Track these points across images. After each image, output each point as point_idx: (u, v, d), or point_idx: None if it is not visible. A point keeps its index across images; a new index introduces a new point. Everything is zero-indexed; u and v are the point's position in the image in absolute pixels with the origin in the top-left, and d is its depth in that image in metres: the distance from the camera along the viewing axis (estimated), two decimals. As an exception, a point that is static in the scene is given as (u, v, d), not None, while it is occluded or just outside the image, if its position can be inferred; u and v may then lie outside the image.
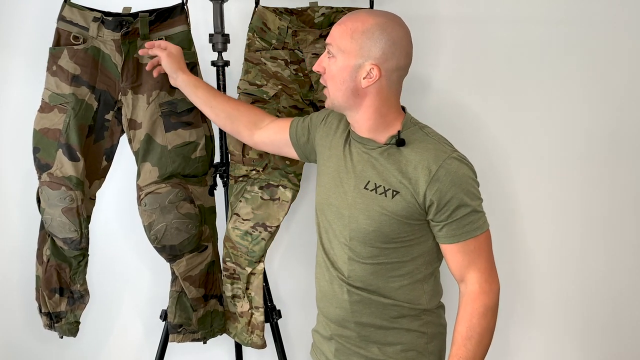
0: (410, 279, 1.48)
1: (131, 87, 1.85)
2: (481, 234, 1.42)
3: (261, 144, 1.78)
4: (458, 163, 1.40)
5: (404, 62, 1.43)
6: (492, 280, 1.44)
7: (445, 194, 1.38)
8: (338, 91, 1.45)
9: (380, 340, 1.51)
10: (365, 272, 1.48)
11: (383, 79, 1.41)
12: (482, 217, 1.42)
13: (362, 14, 1.42)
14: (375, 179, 1.44)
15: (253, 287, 1.97)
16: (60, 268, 1.96)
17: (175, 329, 1.96)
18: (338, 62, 1.42)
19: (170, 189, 1.84)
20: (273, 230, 1.93)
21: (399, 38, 1.40)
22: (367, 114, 1.45)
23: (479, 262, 1.43)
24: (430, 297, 1.51)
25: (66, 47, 1.83)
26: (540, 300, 2.39)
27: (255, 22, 1.92)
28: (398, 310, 1.49)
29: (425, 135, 1.45)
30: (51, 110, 1.85)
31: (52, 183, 1.85)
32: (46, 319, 2.00)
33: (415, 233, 1.45)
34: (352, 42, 1.39)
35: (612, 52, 2.24)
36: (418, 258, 1.47)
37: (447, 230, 1.42)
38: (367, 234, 1.45)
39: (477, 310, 1.42)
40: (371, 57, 1.39)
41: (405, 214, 1.42)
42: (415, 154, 1.41)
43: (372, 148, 1.46)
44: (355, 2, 1.97)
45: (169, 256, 1.90)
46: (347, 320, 1.52)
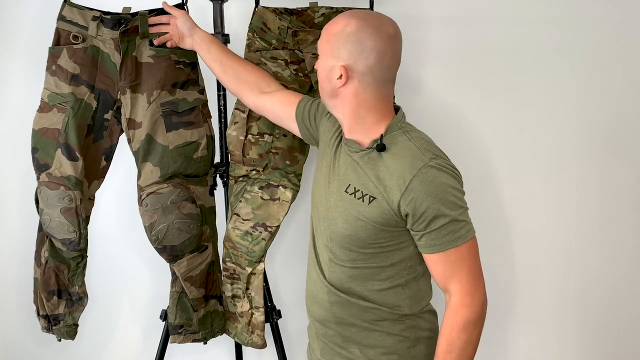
0: (390, 284, 1.45)
1: (130, 86, 1.84)
2: (463, 244, 1.37)
3: (263, 109, 1.77)
4: (435, 172, 1.35)
5: (374, 65, 1.38)
6: (474, 293, 1.38)
7: (420, 205, 1.34)
8: (321, 90, 1.47)
9: (361, 341, 1.49)
10: (344, 274, 1.46)
11: (355, 81, 1.39)
12: (464, 227, 1.37)
13: (340, 16, 1.42)
14: (355, 183, 1.42)
15: (253, 287, 1.97)
16: (58, 270, 1.95)
17: (176, 329, 1.96)
18: (319, 62, 1.45)
19: (172, 189, 1.84)
20: (273, 230, 1.93)
21: (367, 39, 1.37)
22: (344, 114, 1.45)
23: (461, 273, 1.38)
24: (413, 302, 1.47)
25: (66, 46, 1.83)
26: (539, 300, 2.40)
27: (255, 22, 1.92)
28: (378, 314, 1.46)
29: (407, 141, 1.40)
30: (50, 109, 1.85)
31: (51, 183, 1.84)
32: (44, 322, 1.99)
33: (395, 239, 1.42)
34: (327, 44, 1.41)
35: (609, 52, 2.25)
36: (398, 264, 1.44)
37: (426, 240, 1.38)
38: (344, 237, 1.43)
39: (457, 324, 1.38)
40: (341, 59, 1.39)
41: (382, 221, 1.39)
42: (393, 160, 1.38)
43: (355, 151, 1.44)
44: (355, 2, 1.98)
45: (169, 256, 1.90)
46: (328, 320, 1.52)
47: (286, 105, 1.71)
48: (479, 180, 2.28)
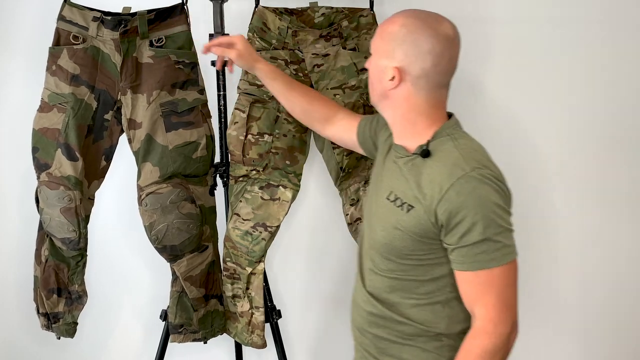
0: (428, 300, 1.36)
1: (130, 87, 1.84)
2: (497, 267, 1.25)
3: (332, 139, 1.75)
4: (475, 183, 1.25)
5: (431, 68, 1.31)
6: (499, 322, 1.27)
7: (454, 216, 1.25)
8: (372, 91, 1.40)
9: (395, 354, 1.41)
10: (383, 284, 1.40)
11: (408, 84, 1.33)
12: (501, 249, 1.25)
13: (398, 15, 1.35)
14: (396, 191, 1.35)
15: (253, 287, 1.97)
16: (58, 268, 1.95)
17: (176, 329, 1.96)
18: (371, 61, 1.38)
19: (171, 189, 1.84)
20: (273, 230, 1.93)
21: (424, 41, 1.30)
22: (394, 118, 1.39)
23: (488, 298, 1.27)
24: (451, 322, 1.37)
25: (66, 46, 1.83)
26: (539, 300, 2.40)
27: (255, 22, 1.92)
28: (412, 330, 1.38)
29: (453, 148, 1.31)
30: (50, 109, 1.85)
31: (51, 183, 1.85)
32: (44, 320, 2.00)
33: (434, 252, 1.33)
34: (382, 42, 1.34)
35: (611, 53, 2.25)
36: (440, 279, 1.34)
37: (456, 256, 1.28)
38: (382, 246, 1.37)
39: (474, 351, 1.29)
40: (395, 60, 1.32)
41: (419, 231, 1.30)
42: (435, 167, 1.30)
43: (401, 157, 1.38)
44: (355, 2, 1.98)
45: (169, 256, 1.90)
46: (365, 329, 1.46)
47: (348, 131, 1.67)
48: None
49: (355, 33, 1.96)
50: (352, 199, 2.00)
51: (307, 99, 1.73)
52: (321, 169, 2.16)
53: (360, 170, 2.01)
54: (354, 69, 1.94)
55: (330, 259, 2.33)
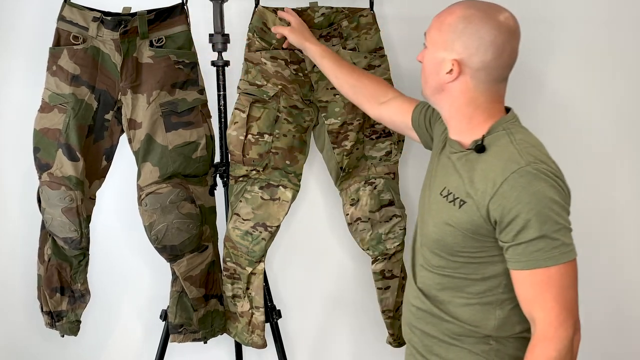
0: (478, 300, 1.32)
1: (131, 87, 1.85)
2: (554, 266, 1.20)
3: (382, 119, 1.73)
4: (531, 178, 1.20)
5: (490, 61, 1.27)
6: (559, 325, 1.21)
7: (508, 212, 1.21)
8: (425, 83, 1.36)
9: (442, 354, 1.38)
10: (433, 281, 1.37)
11: (467, 77, 1.28)
12: (559, 247, 1.20)
13: (456, 5, 1.31)
14: (449, 186, 1.32)
15: (253, 287, 1.97)
16: (61, 267, 1.96)
17: (176, 329, 1.96)
18: (427, 53, 1.34)
19: (171, 189, 1.84)
20: (273, 230, 1.93)
21: (486, 33, 1.25)
22: (450, 112, 1.35)
23: (546, 299, 1.22)
24: (502, 324, 1.33)
25: (66, 47, 1.83)
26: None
27: (255, 22, 1.92)
28: (460, 330, 1.35)
29: (509, 142, 1.27)
30: (51, 110, 1.85)
31: (52, 183, 1.85)
32: (47, 318, 2.01)
33: (486, 251, 1.29)
34: (439, 34, 1.29)
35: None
36: (492, 279, 1.31)
37: (512, 254, 1.24)
38: (433, 242, 1.35)
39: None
40: (454, 52, 1.27)
41: (471, 228, 1.27)
42: (489, 162, 1.26)
43: (455, 152, 1.35)
44: (355, 2, 1.98)
45: (169, 256, 1.90)
46: (413, 325, 1.44)
47: (402, 113, 1.64)
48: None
49: (355, 33, 1.95)
50: (352, 199, 2.00)
51: (356, 77, 1.75)
52: (321, 169, 2.16)
53: (360, 170, 2.01)
54: (354, 69, 1.94)
55: (330, 259, 2.33)
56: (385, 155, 2.01)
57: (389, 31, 2.13)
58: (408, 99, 1.68)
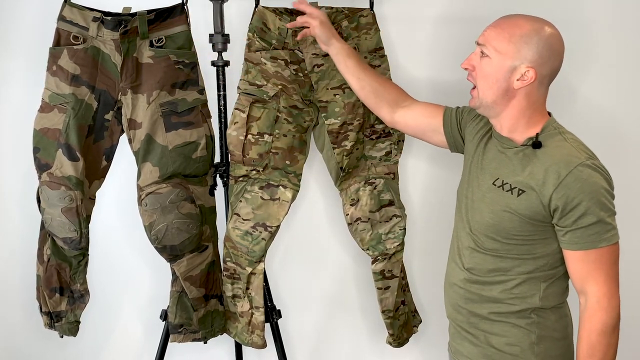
0: (528, 276, 1.49)
1: (131, 87, 1.85)
2: (606, 247, 1.40)
3: (402, 123, 1.79)
4: (590, 171, 1.39)
5: (557, 67, 1.47)
6: (611, 296, 1.42)
7: (571, 200, 1.38)
8: (489, 90, 1.48)
9: (487, 329, 1.54)
10: (485, 263, 1.52)
11: (536, 82, 1.45)
12: (610, 230, 1.40)
13: (518, 19, 1.46)
14: (504, 177, 1.48)
15: (253, 287, 1.97)
16: (60, 268, 1.96)
17: (176, 329, 1.96)
18: (493, 62, 1.46)
19: (171, 189, 1.84)
20: (273, 230, 1.93)
21: (555, 43, 1.44)
22: (511, 113, 1.49)
23: (599, 275, 1.41)
24: (546, 298, 1.50)
25: (66, 47, 1.83)
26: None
27: (255, 22, 1.92)
28: (508, 306, 1.51)
29: (563, 140, 1.45)
30: (51, 110, 1.85)
31: (52, 183, 1.85)
32: (46, 318, 2.00)
33: (539, 233, 1.46)
34: (510, 44, 1.44)
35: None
36: (540, 259, 1.48)
37: (570, 237, 1.42)
38: (489, 226, 1.49)
39: (596, 327, 1.42)
40: (527, 60, 1.43)
41: (529, 214, 1.44)
42: (548, 157, 1.43)
43: (509, 147, 1.50)
44: (355, 2, 1.98)
45: (169, 256, 1.90)
46: (460, 305, 1.59)
47: (429, 116, 1.74)
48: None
49: (355, 33, 1.96)
50: (352, 199, 2.00)
51: (379, 81, 1.80)
52: (321, 169, 2.16)
53: (360, 170, 2.01)
54: (354, 69, 1.94)
55: (330, 259, 2.33)
56: (385, 155, 2.02)
57: (389, 31, 2.13)
58: (430, 103, 1.79)
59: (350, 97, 1.93)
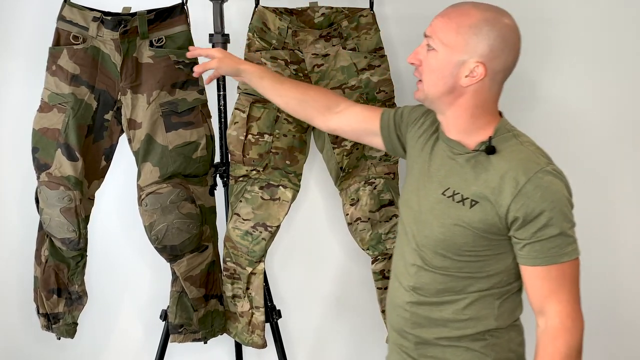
0: (480, 295, 1.35)
1: (130, 87, 1.84)
2: (568, 262, 1.26)
3: (339, 130, 1.66)
4: (551, 177, 1.26)
5: (511, 62, 1.31)
6: (575, 317, 1.28)
7: (532, 210, 1.24)
8: (434, 86, 1.33)
9: (437, 355, 1.39)
10: (434, 282, 1.37)
11: (486, 79, 1.29)
12: (572, 244, 1.27)
13: (468, 7, 1.30)
14: (455, 186, 1.33)
15: (253, 287, 1.97)
16: (58, 269, 1.96)
17: (176, 329, 1.96)
18: (440, 55, 1.31)
19: (171, 189, 1.84)
20: (273, 230, 1.93)
21: (509, 35, 1.28)
22: (458, 113, 1.34)
23: (562, 293, 1.27)
24: (500, 315, 1.36)
25: (66, 46, 1.83)
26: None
27: (255, 22, 1.92)
28: (460, 330, 1.37)
29: (518, 144, 1.31)
30: (50, 110, 1.85)
31: (51, 183, 1.85)
32: (44, 320, 2.00)
33: (494, 248, 1.32)
34: (458, 36, 1.28)
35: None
36: (494, 276, 1.34)
37: (529, 251, 1.27)
38: (438, 242, 1.34)
39: (559, 350, 1.27)
40: (477, 54, 1.27)
41: (483, 227, 1.30)
42: (504, 163, 1.28)
43: (459, 153, 1.35)
44: (355, 2, 1.98)
45: (169, 256, 1.90)
46: (405, 331, 1.43)
47: (365, 121, 1.60)
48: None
49: (355, 33, 1.96)
50: (352, 199, 2.00)
51: (301, 90, 1.66)
52: (321, 169, 2.16)
53: (360, 170, 2.01)
54: (354, 69, 1.94)
55: (330, 259, 2.33)
56: (385, 155, 2.02)
57: (389, 31, 2.13)
58: (366, 106, 1.68)
59: (350, 97, 1.93)
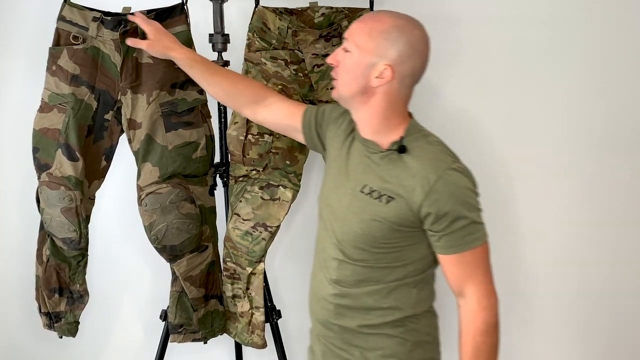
0: (398, 283, 1.46)
1: (130, 87, 1.84)
2: (479, 246, 1.40)
3: (265, 122, 1.75)
4: (458, 174, 1.38)
5: (419, 68, 1.42)
6: (490, 295, 1.41)
7: (444, 205, 1.36)
8: (347, 86, 1.43)
9: (361, 344, 1.49)
10: (355, 274, 1.46)
11: (395, 81, 1.40)
12: (480, 229, 1.40)
13: (383, 14, 1.42)
14: (371, 184, 1.43)
15: (253, 287, 1.97)
16: (59, 268, 1.96)
17: (176, 329, 1.96)
18: (353, 57, 1.41)
19: (171, 189, 1.84)
20: (273, 230, 1.93)
21: (417, 42, 1.39)
22: (371, 114, 1.44)
23: (477, 275, 1.40)
24: (417, 302, 1.48)
25: (66, 46, 1.83)
26: (540, 303, 2.39)
27: (255, 22, 1.92)
28: (380, 317, 1.47)
29: (427, 144, 1.42)
30: (51, 110, 1.85)
31: (51, 183, 1.85)
32: (46, 319, 2.00)
33: (408, 239, 1.43)
34: (370, 40, 1.38)
35: (609, 51, 2.24)
36: (410, 265, 1.45)
37: (444, 241, 1.39)
38: (357, 237, 1.44)
39: (479, 328, 1.40)
40: (386, 58, 1.38)
41: (398, 221, 1.40)
42: (415, 162, 1.39)
43: (374, 152, 1.45)
44: (355, 2, 1.98)
45: (169, 256, 1.90)
46: (330, 322, 1.52)
47: (289, 117, 1.69)
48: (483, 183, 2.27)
49: (355, 33, 1.96)
50: (352, 199, 2.00)
51: (230, 83, 1.73)
52: (321, 169, 2.16)
53: (360, 170, 2.01)
54: (354, 69, 1.94)
55: (330, 259, 2.33)
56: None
57: (389, 31, 2.13)
58: (293, 102, 1.74)
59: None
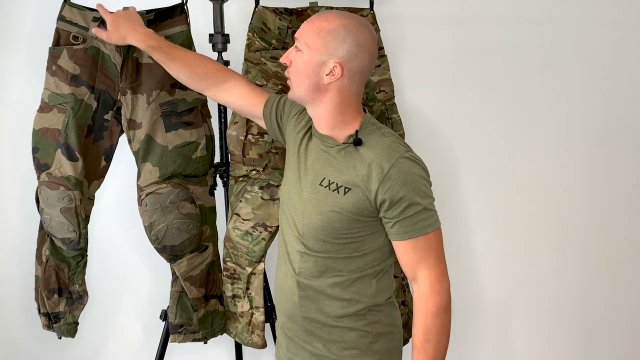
0: (359, 274, 1.50)
1: (130, 87, 1.85)
2: (432, 232, 1.44)
3: (228, 104, 1.77)
4: (410, 162, 1.43)
5: (367, 65, 1.46)
6: (442, 279, 1.46)
7: (397, 192, 1.41)
8: (300, 84, 1.48)
9: (324, 337, 1.53)
10: (316, 265, 1.51)
11: (345, 78, 1.45)
12: (433, 216, 1.45)
13: (331, 14, 1.46)
14: (330, 176, 1.48)
15: (253, 287, 1.97)
16: (59, 268, 1.96)
17: (176, 329, 1.96)
18: (304, 56, 1.46)
19: (171, 189, 1.84)
20: (273, 230, 1.93)
21: (364, 40, 1.44)
22: (326, 110, 1.49)
23: (429, 260, 1.45)
24: (377, 291, 1.52)
25: (66, 47, 1.83)
26: (540, 302, 2.40)
27: (255, 22, 1.93)
28: (343, 309, 1.51)
29: (381, 135, 1.48)
30: (50, 110, 1.85)
31: (51, 183, 1.85)
32: (45, 319, 2.00)
33: (367, 229, 1.48)
34: (319, 39, 1.43)
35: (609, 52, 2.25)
36: (369, 254, 1.50)
37: (398, 227, 1.44)
38: (317, 228, 1.48)
39: (430, 311, 1.44)
40: (335, 56, 1.42)
41: (356, 211, 1.45)
42: (370, 152, 1.44)
43: (331, 146, 1.50)
44: (355, 2, 1.98)
45: (169, 256, 1.90)
46: (295, 314, 1.55)
47: (251, 105, 1.72)
48: (480, 180, 2.28)
49: (355, 33, 1.96)
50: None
51: (190, 68, 1.72)
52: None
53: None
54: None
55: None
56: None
57: (389, 31, 2.14)
58: (256, 88, 1.75)
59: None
